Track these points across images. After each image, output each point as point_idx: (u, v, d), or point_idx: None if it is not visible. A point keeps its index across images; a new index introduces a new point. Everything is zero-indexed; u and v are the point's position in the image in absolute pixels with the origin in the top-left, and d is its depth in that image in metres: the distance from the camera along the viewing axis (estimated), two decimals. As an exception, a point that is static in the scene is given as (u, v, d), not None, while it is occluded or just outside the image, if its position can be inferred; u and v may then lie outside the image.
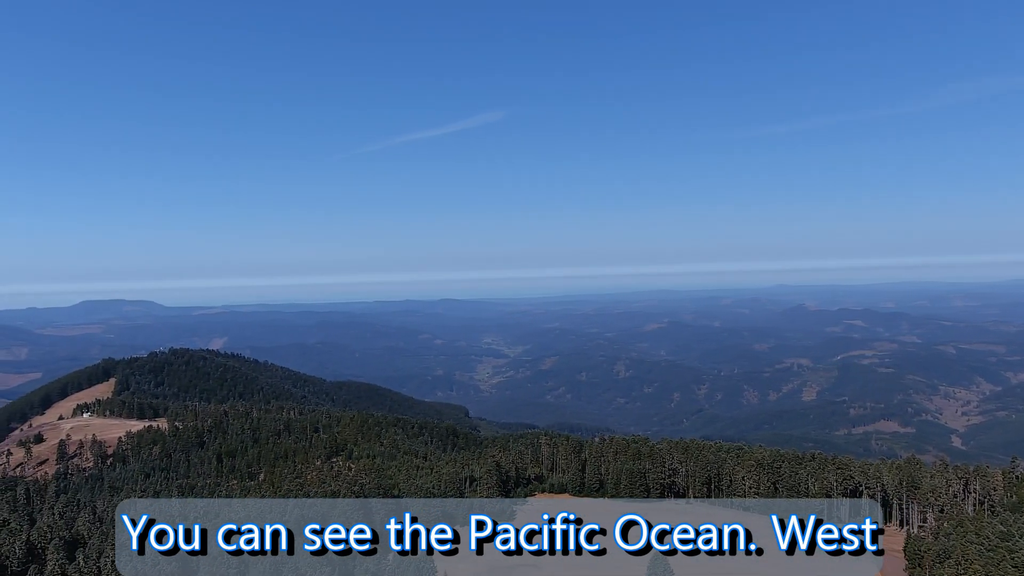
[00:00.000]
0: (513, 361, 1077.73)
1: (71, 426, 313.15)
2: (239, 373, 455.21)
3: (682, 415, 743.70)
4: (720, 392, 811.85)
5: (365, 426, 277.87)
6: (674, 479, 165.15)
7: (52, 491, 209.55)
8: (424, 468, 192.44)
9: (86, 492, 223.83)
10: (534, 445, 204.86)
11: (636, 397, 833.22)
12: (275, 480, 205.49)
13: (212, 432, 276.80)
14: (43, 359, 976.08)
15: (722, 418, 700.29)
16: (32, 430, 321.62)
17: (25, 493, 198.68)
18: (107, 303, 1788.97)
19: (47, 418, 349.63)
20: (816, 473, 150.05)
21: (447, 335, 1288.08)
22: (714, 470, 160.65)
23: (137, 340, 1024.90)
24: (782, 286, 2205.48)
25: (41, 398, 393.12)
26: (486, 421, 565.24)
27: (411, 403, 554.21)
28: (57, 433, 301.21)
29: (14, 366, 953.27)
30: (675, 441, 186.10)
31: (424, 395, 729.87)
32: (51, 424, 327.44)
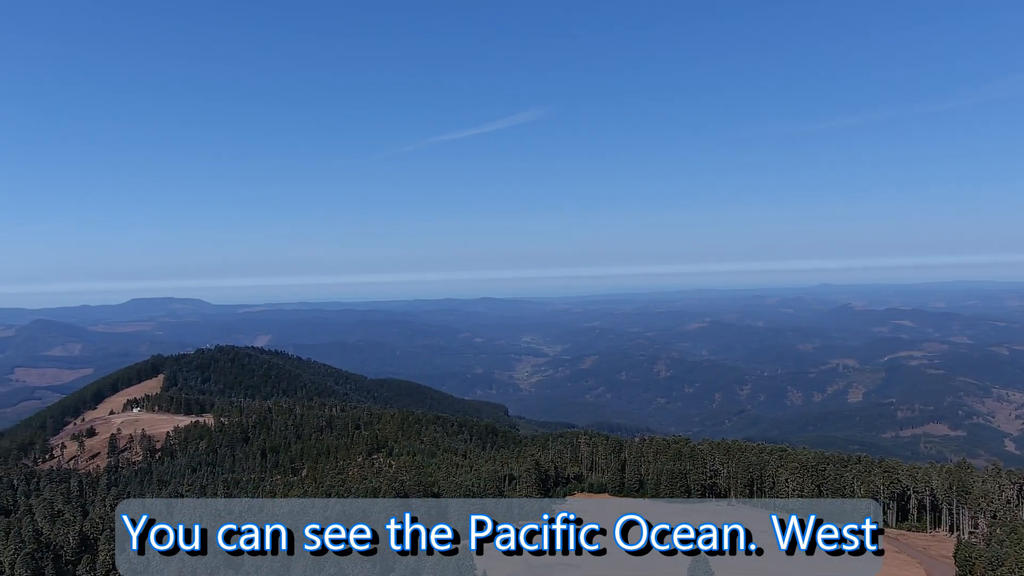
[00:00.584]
0: (552, 360, 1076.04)
1: (121, 421, 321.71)
2: (283, 370, 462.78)
3: (724, 416, 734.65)
4: (763, 393, 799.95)
5: (405, 423, 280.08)
6: (715, 480, 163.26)
7: (104, 484, 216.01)
8: (464, 466, 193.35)
9: (136, 485, 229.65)
10: (573, 444, 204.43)
11: (677, 397, 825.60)
12: (317, 476, 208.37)
13: (257, 428, 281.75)
14: (95, 355, 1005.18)
15: (765, 419, 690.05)
16: (85, 424, 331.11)
17: (78, 485, 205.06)
18: (156, 301, 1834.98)
19: (99, 413, 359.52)
20: (862, 476, 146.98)
21: (486, 333, 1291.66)
22: (756, 472, 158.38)
23: (185, 337, 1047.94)
24: (827, 285, 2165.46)
25: (93, 393, 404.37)
26: (525, 420, 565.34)
27: (450, 401, 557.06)
28: (108, 427, 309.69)
29: (68, 362, 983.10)
30: (716, 442, 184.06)
31: (463, 393, 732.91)
32: (103, 419, 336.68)
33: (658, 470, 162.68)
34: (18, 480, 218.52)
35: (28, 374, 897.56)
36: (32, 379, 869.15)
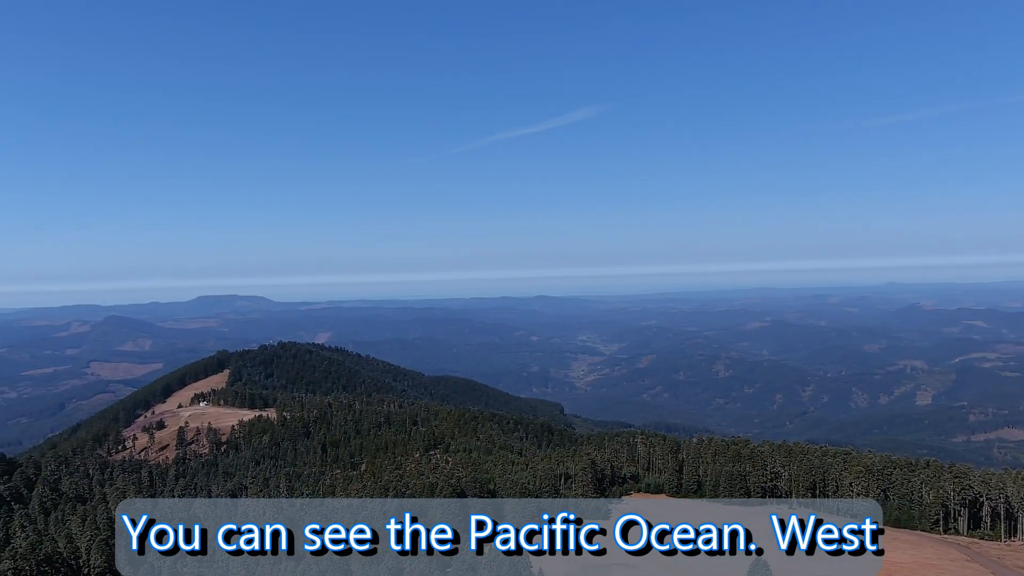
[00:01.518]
0: (609, 359, 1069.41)
1: (189, 414, 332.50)
2: (343, 366, 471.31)
3: (785, 417, 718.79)
4: (826, 394, 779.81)
5: (462, 420, 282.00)
6: (776, 483, 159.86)
7: (172, 475, 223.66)
8: (519, 464, 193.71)
9: (202, 476, 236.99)
10: (630, 444, 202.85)
11: (736, 398, 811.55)
12: (376, 471, 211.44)
13: (317, 423, 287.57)
14: (164, 351, 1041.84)
15: (828, 421, 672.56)
16: (155, 417, 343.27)
17: (149, 475, 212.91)
18: (222, 299, 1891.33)
19: (168, 406, 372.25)
20: (931, 481, 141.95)
21: (542, 332, 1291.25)
22: (819, 475, 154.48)
23: (249, 334, 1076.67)
24: (894, 284, 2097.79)
25: (162, 387, 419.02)
26: (581, 419, 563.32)
27: (506, 399, 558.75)
28: (177, 420, 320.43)
29: (139, 357, 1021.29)
30: (777, 443, 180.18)
31: (519, 391, 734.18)
32: (171, 412, 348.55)
33: (717, 471, 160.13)
34: (93, 469, 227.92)
35: (102, 368, 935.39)
36: (106, 373, 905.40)
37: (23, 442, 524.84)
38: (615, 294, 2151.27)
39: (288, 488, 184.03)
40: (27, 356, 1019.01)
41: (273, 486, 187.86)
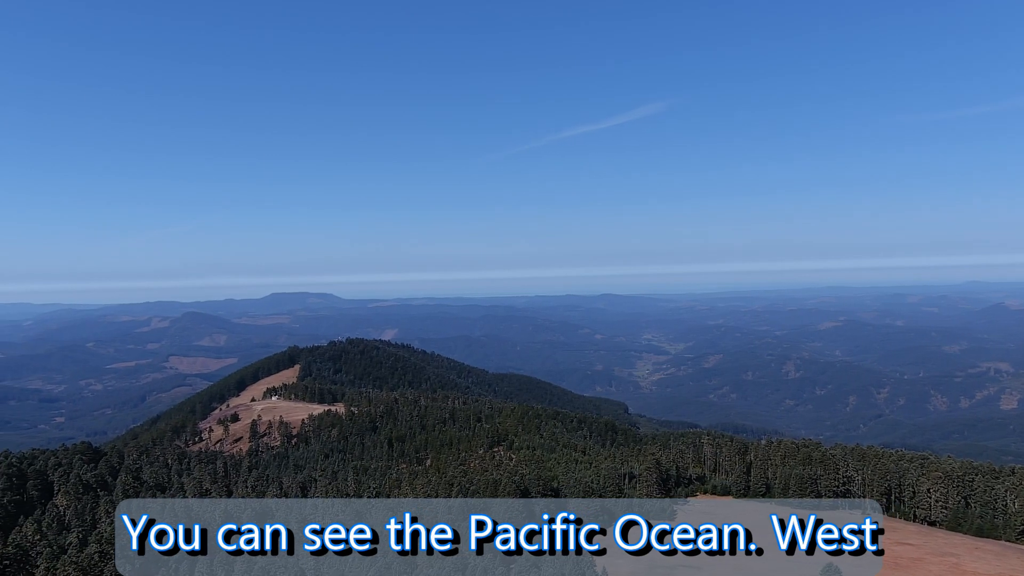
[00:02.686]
0: (674, 358, 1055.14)
1: (261, 408, 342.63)
2: (409, 363, 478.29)
3: (858, 420, 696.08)
4: (903, 397, 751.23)
5: (525, 418, 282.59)
6: (848, 487, 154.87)
7: (245, 466, 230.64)
8: (583, 462, 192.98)
9: (274, 468, 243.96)
10: (696, 444, 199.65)
11: (807, 399, 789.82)
12: (441, 466, 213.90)
13: (384, 418, 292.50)
14: (239, 346, 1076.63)
15: (904, 425, 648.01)
16: (229, 410, 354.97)
17: (223, 466, 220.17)
18: (293, 295, 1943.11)
19: (242, 400, 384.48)
20: (1016, 489, 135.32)
21: (607, 330, 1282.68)
22: (895, 480, 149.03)
23: (319, 330, 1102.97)
24: (976, 283, 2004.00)
25: (236, 381, 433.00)
26: (645, 418, 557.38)
27: (570, 397, 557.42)
28: (250, 414, 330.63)
29: (215, 352, 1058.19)
30: (850, 447, 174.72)
31: (583, 390, 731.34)
32: (245, 405, 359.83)
33: (786, 474, 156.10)
34: (172, 459, 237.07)
35: (180, 362, 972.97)
36: (184, 367, 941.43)
37: (108, 432, 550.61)
38: (681, 292, 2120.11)
39: (356, 481, 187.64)
40: (112, 350, 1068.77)
41: (341, 479, 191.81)
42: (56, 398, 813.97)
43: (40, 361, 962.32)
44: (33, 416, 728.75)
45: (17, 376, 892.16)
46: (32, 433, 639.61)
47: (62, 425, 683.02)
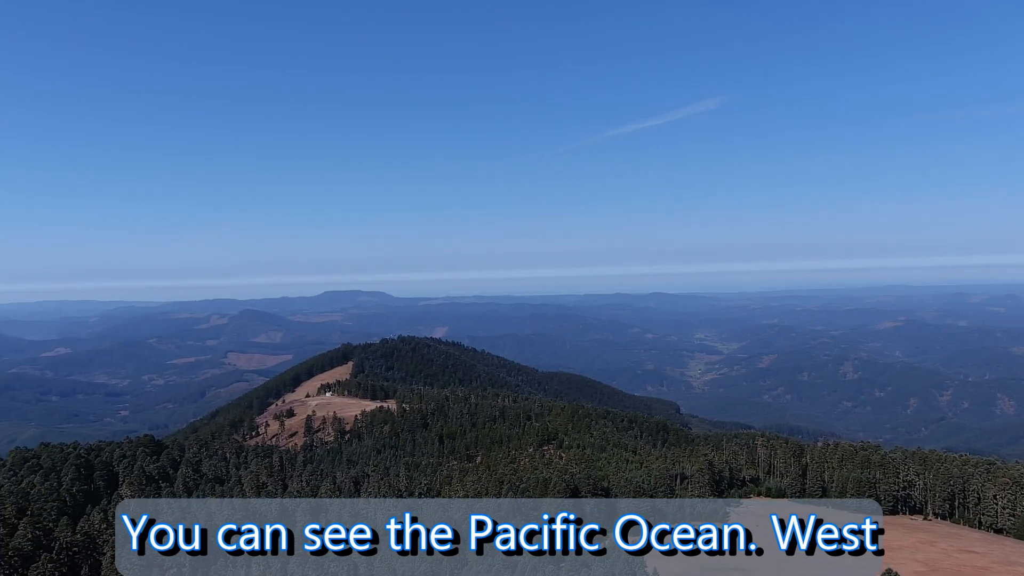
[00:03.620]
0: (727, 358, 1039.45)
1: (316, 403, 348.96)
2: (459, 360, 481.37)
3: (920, 423, 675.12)
4: (967, 399, 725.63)
5: (575, 417, 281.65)
6: (909, 492, 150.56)
7: (300, 460, 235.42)
8: (634, 462, 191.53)
9: (328, 463, 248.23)
10: (749, 446, 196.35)
11: (865, 401, 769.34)
12: (491, 464, 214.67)
13: (435, 415, 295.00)
14: (294, 342, 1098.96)
15: (968, 428, 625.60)
16: (285, 405, 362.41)
17: (279, 461, 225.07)
18: (346, 294, 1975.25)
19: (297, 395, 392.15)
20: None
21: (658, 329, 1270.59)
22: (959, 486, 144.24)
23: (371, 327, 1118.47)
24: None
25: (292, 377, 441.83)
26: (698, 418, 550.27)
27: (620, 396, 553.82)
28: (305, 409, 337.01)
29: (271, 348, 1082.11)
30: (911, 451, 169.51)
31: (633, 389, 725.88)
32: (300, 401, 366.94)
33: (843, 477, 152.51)
34: (230, 453, 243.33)
35: (238, 358, 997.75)
36: (241, 363, 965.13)
37: (169, 426, 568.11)
38: (734, 291, 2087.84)
39: (407, 478, 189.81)
40: (173, 346, 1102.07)
41: (393, 475, 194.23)
42: (120, 392, 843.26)
43: (105, 356, 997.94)
44: (99, 409, 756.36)
45: (84, 371, 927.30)
46: (98, 426, 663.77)
47: (126, 418, 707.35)
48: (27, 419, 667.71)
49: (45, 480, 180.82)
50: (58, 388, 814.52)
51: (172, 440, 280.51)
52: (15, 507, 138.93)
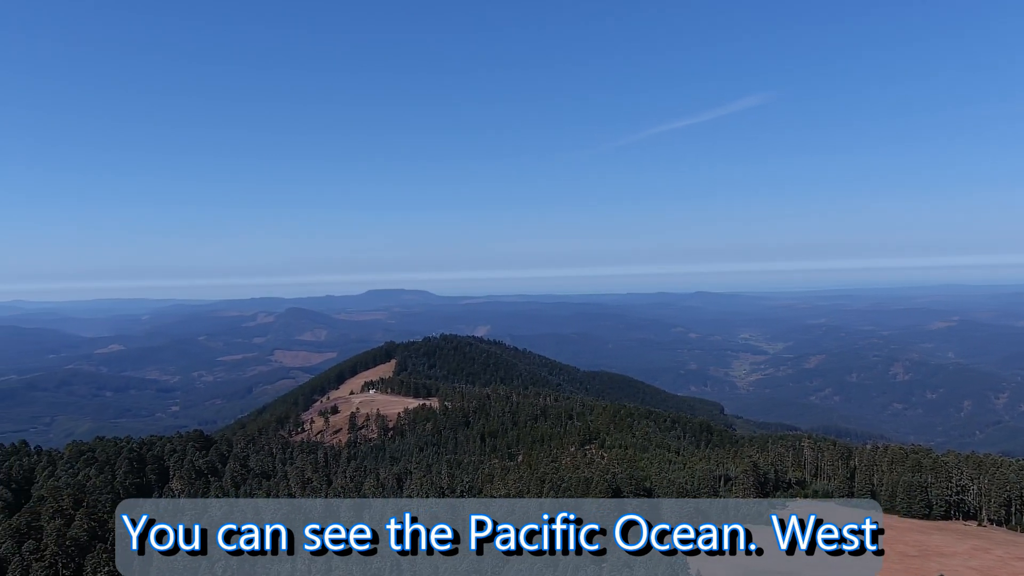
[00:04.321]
0: (773, 358, 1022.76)
1: (359, 400, 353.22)
2: (500, 359, 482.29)
3: (974, 426, 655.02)
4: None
5: (618, 416, 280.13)
6: (963, 497, 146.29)
7: (345, 457, 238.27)
8: (676, 463, 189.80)
9: (371, 460, 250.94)
10: (795, 447, 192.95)
11: (916, 403, 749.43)
12: (532, 463, 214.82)
13: (476, 413, 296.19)
14: (338, 340, 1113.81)
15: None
16: (330, 402, 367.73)
17: (324, 457, 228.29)
18: (389, 292, 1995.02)
19: (341, 392, 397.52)
20: None
21: (701, 329, 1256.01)
22: (1015, 491, 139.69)
23: (413, 326, 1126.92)
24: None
25: (336, 375, 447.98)
26: (742, 419, 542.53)
27: (663, 396, 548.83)
28: (349, 406, 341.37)
29: (316, 346, 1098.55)
30: (965, 455, 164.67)
31: (676, 389, 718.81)
32: (344, 398, 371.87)
33: (893, 481, 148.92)
34: (276, 449, 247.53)
35: (284, 356, 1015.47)
36: (287, 360, 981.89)
37: (217, 421, 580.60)
38: (780, 290, 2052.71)
39: (449, 475, 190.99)
40: (221, 344, 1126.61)
41: (435, 472, 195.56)
42: (171, 388, 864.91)
43: (157, 353, 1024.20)
44: (151, 404, 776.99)
45: (137, 367, 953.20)
46: (150, 420, 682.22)
47: (177, 414, 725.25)
48: (83, 413, 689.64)
49: (100, 473, 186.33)
50: (112, 384, 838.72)
51: (220, 435, 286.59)
52: (72, 498, 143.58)
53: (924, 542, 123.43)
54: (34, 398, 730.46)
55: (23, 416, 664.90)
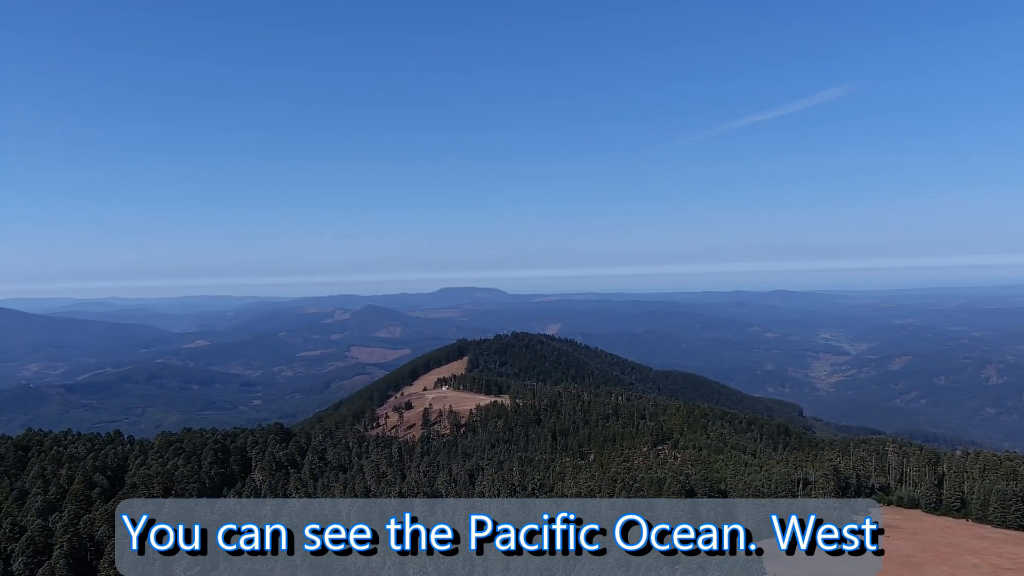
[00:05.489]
0: (855, 359, 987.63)
1: (432, 397, 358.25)
2: (572, 357, 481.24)
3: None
4: None
5: (691, 417, 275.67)
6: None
7: (418, 452, 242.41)
8: (752, 465, 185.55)
9: (444, 455, 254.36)
10: (879, 452, 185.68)
11: (1011, 408, 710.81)
12: (604, 462, 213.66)
13: (547, 411, 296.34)
14: (412, 337, 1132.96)
15: None
16: (403, 398, 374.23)
17: (398, 451, 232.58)
18: (461, 290, 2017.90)
19: (414, 389, 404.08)
20: None
21: (779, 328, 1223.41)
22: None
23: (485, 323, 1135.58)
24: None
25: (410, 371, 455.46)
26: (822, 422, 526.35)
27: (739, 397, 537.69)
28: (422, 402, 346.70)
29: (390, 343, 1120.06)
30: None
31: (753, 390, 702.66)
32: (417, 394, 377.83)
33: (986, 489, 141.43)
34: (352, 443, 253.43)
35: (360, 352, 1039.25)
36: (363, 356, 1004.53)
37: (297, 415, 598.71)
38: (864, 289, 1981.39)
39: (520, 472, 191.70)
40: (300, 340, 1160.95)
41: (507, 469, 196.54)
42: (253, 382, 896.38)
43: (240, 349, 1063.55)
44: (235, 398, 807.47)
45: (222, 362, 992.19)
46: (234, 413, 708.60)
47: (258, 407, 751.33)
48: (172, 405, 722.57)
49: (187, 463, 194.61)
50: (198, 377, 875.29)
51: (300, 429, 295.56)
52: (161, 486, 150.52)
53: (1020, 555, 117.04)
54: (127, 390, 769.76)
55: (117, 407, 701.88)
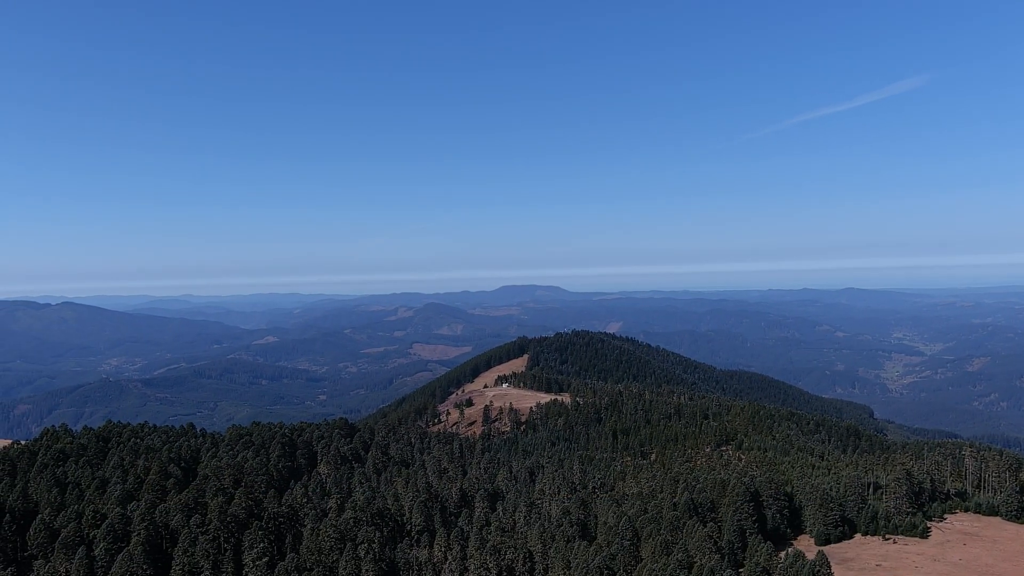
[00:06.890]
0: (930, 360, 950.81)
1: (493, 394, 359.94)
2: (633, 356, 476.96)
3: None
4: None
5: (756, 418, 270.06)
6: None
7: (479, 448, 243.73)
8: (820, 468, 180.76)
9: (504, 452, 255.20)
10: (955, 456, 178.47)
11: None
12: (666, 461, 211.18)
13: (608, 410, 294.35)
14: (473, 335, 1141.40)
15: None
16: (464, 395, 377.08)
17: (459, 448, 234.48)
18: (522, 288, 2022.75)
19: (475, 386, 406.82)
20: None
21: (850, 327, 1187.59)
22: None
23: (546, 321, 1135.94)
24: None
25: (471, 368, 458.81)
26: (894, 424, 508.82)
27: (806, 398, 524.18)
28: (483, 399, 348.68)
29: (453, 340, 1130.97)
30: None
31: (821, 391, 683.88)
32: (478, 391, 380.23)
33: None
34: (414, 438, 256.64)
35: (423, 349, 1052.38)
36: (425, 353, 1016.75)
37: (361, 410, 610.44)
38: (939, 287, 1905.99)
39: (581, 471, 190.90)
40: (365, 337, 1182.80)
41: (567, 467, 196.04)
42: (320, 378, 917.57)
43: (307, 345, 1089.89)
44: (302, 393, 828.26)
45: (290, 358, 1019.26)
46: (301, 408, 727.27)
47: (324, 402, 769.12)
48: (242, 400, 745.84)
49: (256, 455, 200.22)
50: (267, 373, 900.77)
51: (364, 424, 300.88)
52: (232, 478, 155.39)
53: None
54: (201, 384, 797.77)
55: (191, 401, 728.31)
